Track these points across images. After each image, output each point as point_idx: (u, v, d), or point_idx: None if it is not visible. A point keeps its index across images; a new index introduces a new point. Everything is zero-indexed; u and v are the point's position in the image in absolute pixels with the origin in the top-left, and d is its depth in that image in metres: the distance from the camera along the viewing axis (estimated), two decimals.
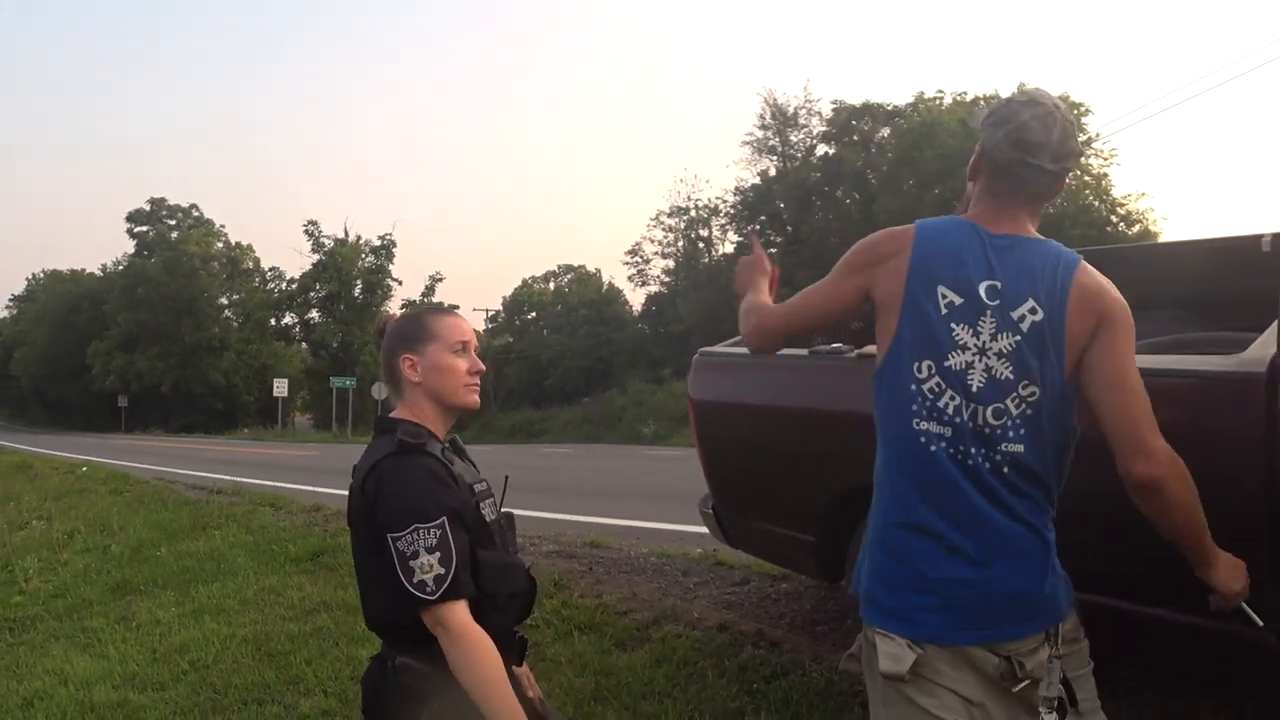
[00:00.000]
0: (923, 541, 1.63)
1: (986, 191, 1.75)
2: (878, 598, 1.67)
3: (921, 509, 1.64)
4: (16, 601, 6.09)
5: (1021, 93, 1.75)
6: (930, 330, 1.65)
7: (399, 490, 1.67)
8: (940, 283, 1.66)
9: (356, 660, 4.08)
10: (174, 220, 57.38)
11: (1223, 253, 3.74)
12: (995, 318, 1.64)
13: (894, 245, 1.72)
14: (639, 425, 29.44)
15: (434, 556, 1.63)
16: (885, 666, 1.59)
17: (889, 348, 1.69)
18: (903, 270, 1.68)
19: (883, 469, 1.72)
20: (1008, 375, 1.63)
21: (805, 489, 3.41)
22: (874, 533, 1.72)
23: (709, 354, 3.94)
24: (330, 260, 47.57)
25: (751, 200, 39.00)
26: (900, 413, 1.67)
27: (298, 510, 8.52)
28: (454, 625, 1.64)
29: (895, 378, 1.68)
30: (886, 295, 1.71)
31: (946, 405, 1.64)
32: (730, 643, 3.86)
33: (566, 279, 57.62)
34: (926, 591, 1.62)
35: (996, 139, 1.71)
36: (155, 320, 52.26)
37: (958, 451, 1.63)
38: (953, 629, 1.61)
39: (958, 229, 1.72)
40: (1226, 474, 2.25)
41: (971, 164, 1.78)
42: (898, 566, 1.65)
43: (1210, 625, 2.35)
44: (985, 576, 1.61)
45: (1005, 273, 1.66)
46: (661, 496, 9.46)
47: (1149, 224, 31.88)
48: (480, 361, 1.87)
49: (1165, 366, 2.39)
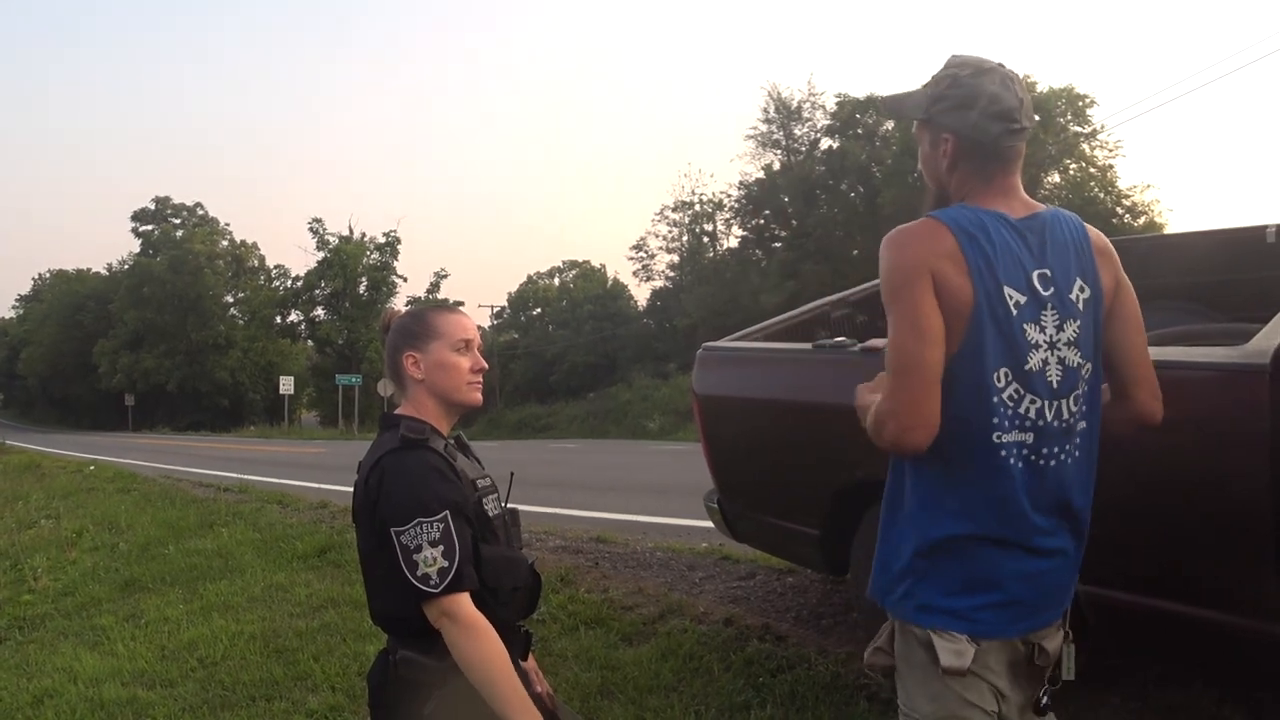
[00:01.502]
0: (989, 550, 1.60)
1: (978, 176, 1.66)
2: (933, 602, 1.62)
3: (991, 522, 1.59)
4: (26, 600, 6.13)
5: (959, 67, 1.67)
6: (1006, 336, 1.56)
7: (402, 485, 1.68)
8: (1005, 284, 1.56)
9: (364, 656, 4.09)
10: (179, 219, 57.58)
11: (1228, 244, 3.73)
12: (1055, 308, 1.59)
13: (938, 247, 1.57)
14: (644, 420, 29.48)
15: (437, 550, 1.64)
16: (949, 662, 1.57)
17: (958, 351, 1.55)
18: (962, 279, 1.55)
19: (939, 480, 1.62)
20: (1078, 361, 1.62)
21: (810, 483, 3.41)
22: (923, 539, 1.63)
23: (713, 349, 3.95)
24: (335, 257, 47.65)
25: (756, 194, 38.96)
26: (978, 425, 1.57)
27: (305, 507, 8.55)
28: (459, 617, 1.65)
29: (968, 389, 1.56)
30: (950, 299, 1.55)
31: (1028, 410, 1.58)
32: (736, 637, 3.87)
33: (571, 275, 57.61)
34: (989, 589, 1.60)
35: (971, 120, 1.63)
36: (161, 319, 52.42)
37: (1038, 455, 1.59)
38: (1011, 622, 1.62)
39: (990, 221, 1.60)
40: (1230, 464, 2.25)
41: (948, 158, 1.67)
42: (961, 573, 1.61)
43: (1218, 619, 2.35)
44: (1043, 569, 1.63)
45: (1047, 258, 1.61)
46: (667, 491, 9.47)
47: (1154, 215, 31.84)
48: (483, 360, 1.88)
49: (1170, 358, 2.39)
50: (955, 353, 1.56)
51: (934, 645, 1.60)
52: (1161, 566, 2.42)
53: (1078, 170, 32.91)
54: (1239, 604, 2.30)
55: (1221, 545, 2.30)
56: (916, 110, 1.72)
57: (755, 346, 3.89)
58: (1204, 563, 2.35)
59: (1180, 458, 2.34)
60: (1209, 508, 2.29)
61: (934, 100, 1.67)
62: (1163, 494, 2.34)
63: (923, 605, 1.64)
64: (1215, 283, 3.65)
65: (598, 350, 45.12)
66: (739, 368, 3.84)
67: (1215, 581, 2.35)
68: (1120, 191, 32.37)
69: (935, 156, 1.70)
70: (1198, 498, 2.32)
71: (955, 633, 1.59)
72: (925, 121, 1.71)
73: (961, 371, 1.56)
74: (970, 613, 1.60)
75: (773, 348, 3.80)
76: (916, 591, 1.65)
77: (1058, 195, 31.20)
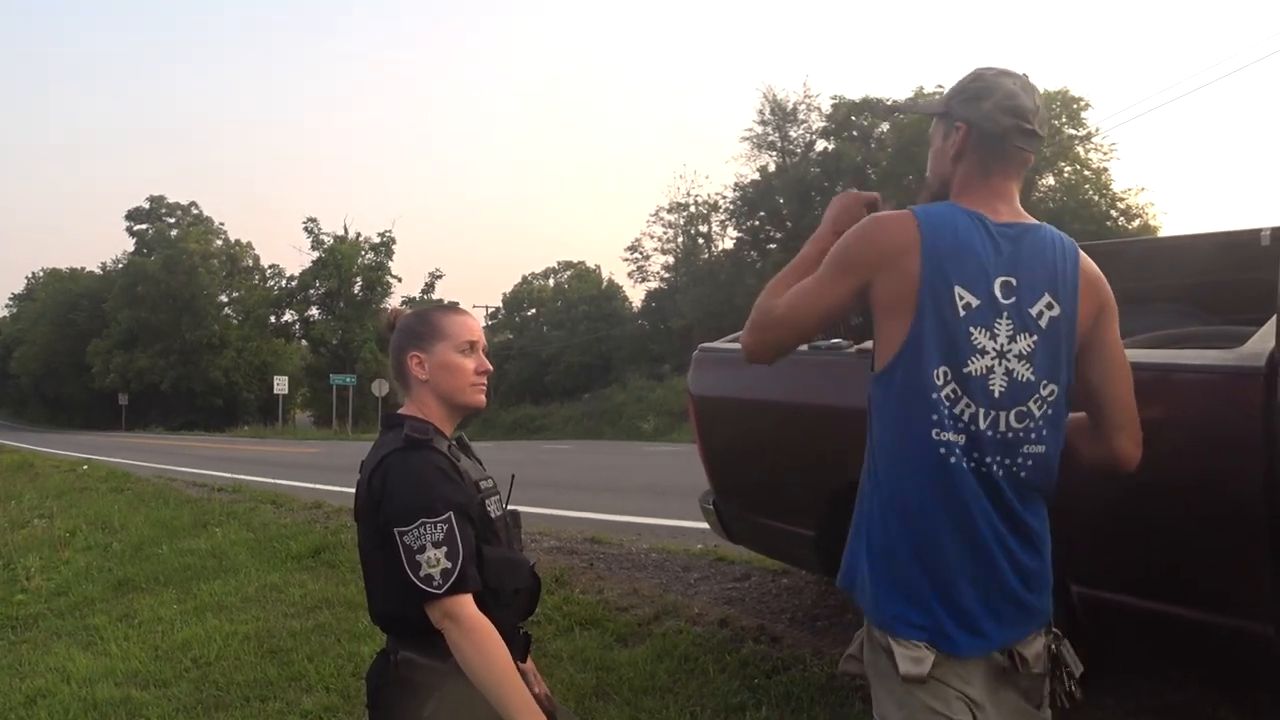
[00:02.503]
0: (938, 554, 1.58)
1: (978, 170, 1.67)
2: (890, 607, 1.61)
3: (939, 520, 1.58)
4: (19, 600, 6.10)
5: (984, 69, 1.71)
6: (949, 335, 1.56)
7: (405, 485, 1.68)
8: (956, 283, 1.56)
9: (358, 657, 4.09)
10: (173, 218, 57.42)
11: (1222, 247, 3.74)
12: (1012, 318, 1.57)
13: (897, 241, 1.58)
14: (639, 421, 29.47)
15: (440, 551, 1.63)
16: (907, 669, 1.56)
17: (898, 353, 1.58)
18: (913, 270, 1.56)
19: (889, 479, 1.62)
20: (1029, 377, 1.58)
21: (805, 484, 3.41)
22: (881, 542, 1.63)
23: (709, 349, 3.95)
24: (330, 257, 47.57)
25: (751, 196, 38.96)
26: (917, 422, 1.57)
27: (299, 507, 8.54)
28: (461, 618, 1.64)
29: (910, 385, 1.57)
30: (892, 296, 1.58)
31: (963, 413, 1.56)
32: (731, 638, 3.87)
33: (566, 275, 57.61)
34: (941, 603, 1.58)
35: (984, 111, 1.64)
36: (155, 318, 52.28)
37: (973, 460, 1.57)
38: (969, 640, 1.59)
39: (962, 219, 1.60)
40: (1225, 468, 2.26)
41: (955, 146, 1.68)
42: (910, 577, 1.59)
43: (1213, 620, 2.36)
44: (999, 585, 1.60)
45: (1017, 267, 1.59)
46: (662, 492, 9.47)
47: (1149, 218, 31.92)
48: (488, 361, 1.87)
49: (1164, 361, 2.40)
50: (901, 343, 1.58)
51: (893, 652, 1.58)
52: (1157, 569, 2.43)
53: (1072, 173, 33.00)
54: (1234, 605, 2.30)
55: (1216, 547, 2.31)
56: (933, 105, 1.76)
57: None
58: (1199, 565, 2.36)
59: (1175, 460, 2.34)
60: (1203, 510, 2.30)
61: (954, 94, 1.71)
62: (1157, 496, 2.34)
63: (881, 608, 1.63)
64: (1210, 285, 3.66)
65: (592, 351, 45.09)
66: (735, 369, 3.83)
67: (1211, 583, 2.35)
68: (1115, 194, 32.47)
69: (945, 148, 1.72)
70: (1192, 500, 2.32)
71: (914, 640, 1.58)
72: (943, 115, 1.74)
73: (906, 362, 1.58)
74: (926, 622, 1.58)
75: None
76: (876, 592, 1.63)
77: (1052, 198, 31.30)
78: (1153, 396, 2.41)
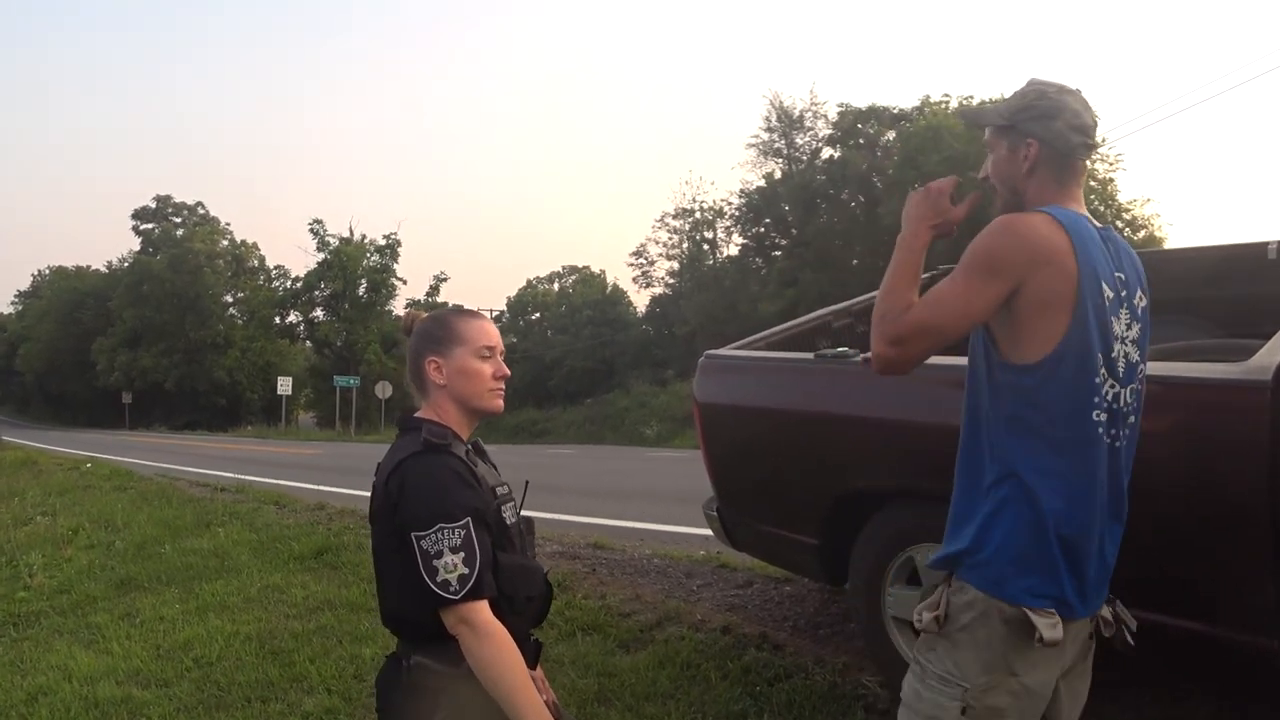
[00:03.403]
0: (1083, 527, 1.71)
1: (1054, 182, 1.79)
2: (1023, 579, 1.70)
3: (1090, 493, 1.72)
4: (21, 597, 6.11)
5: (1045, 84, 1.82)
6: (1102, 324, 1.71)
7: (423, 490, 1.67)
8: (1102, 278, 1.72)
9: (360, 659, 4.09)
10: (179, 218, 57.56)
11: (1229, 260, 3.74)
12: (1127, 308, 1.77)
13: (1052, 241, 1.69)
14: (642, 427, 29.43)
15: (458, 556, 1.63)
16: (1052, 636, 1.66)
17: (1061, 342, 1.68)
18: (1071, 267, 1.68)
19: (1041, 458, 1.71)
20: (1136, 359, 1.78)
21: (810, 492, 3.41)
22: (1029, 515, 1.70)
23: (715, 357, 3.95)
24: (335, 259, 47.57)
25: (756, 203, 38.95)
26: (1080, 406, 1.70)
27: (302, 508, 8.54)
28: (477, 624, 1.64)
29: (1073, 373, 1.69)
30: (1050, 293, 1.68)
31: (1107, 392, 1.72)
32: (733, 645, 3.87)
33: (571, 280, 57.60)
34: (1070, 572, 1.70)
35: (1056, 130, 1.77)
36: (160, 317, 52.38)
37: (1110, 435, 1.73)
38: (1081, 607, 1.73)
39: (1084, 223, 1.75)
40: (1231, 479, 2.26)
41: (1029, 162, 1.80)
42: (1049, 549, 1.69)
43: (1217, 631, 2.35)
44: (1102, 553, 1.76)
45: (1121, 263, 1.78)
46: (665, 498, 9.46)
47: (1155, 230, 31.84)
48: (505, 367, 1.87)
49: (1171, 373, 2.40)
50: (1063, 335, 1.68)
51: (1030, 620, 1.67)
52: (1162, 580, 2.43)
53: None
54: (1238, 617, 2.30)
55: (1221, 558, 2.31)
56: (998, 118, 1.84)
57: (757, 355, 3.89)
58: (1205, 576, 2.36)
59: (1181, 472, 2.34)
60: (1208, 521, 2.30)
61: (1020, 109, 1.81)
62: (1162, 506, 2.34)
63: (1012, 582, 1.70)
64: (1216, 298, 3.66)
65: (596, 356, 45.10)
66: (741, 376, 3.84)
67: (1215, 594, 2.35)
68: (1121, 205, 32.38)
69: (1014, 160, 1.83)
70: (1197, 511, 2.32)
71: (1046, 609, 1.68)
72: (1006, 129, 1.83)
73: (1069, 352, 1.69)
74: (1062, 592, 1.70)
75: (775, 357, 3.80)
76: (1006, 568, 1.71)
77: None
78: (1159, 409, 2.42)
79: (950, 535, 1.82)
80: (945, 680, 1.73)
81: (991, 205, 1.90)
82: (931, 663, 1.76)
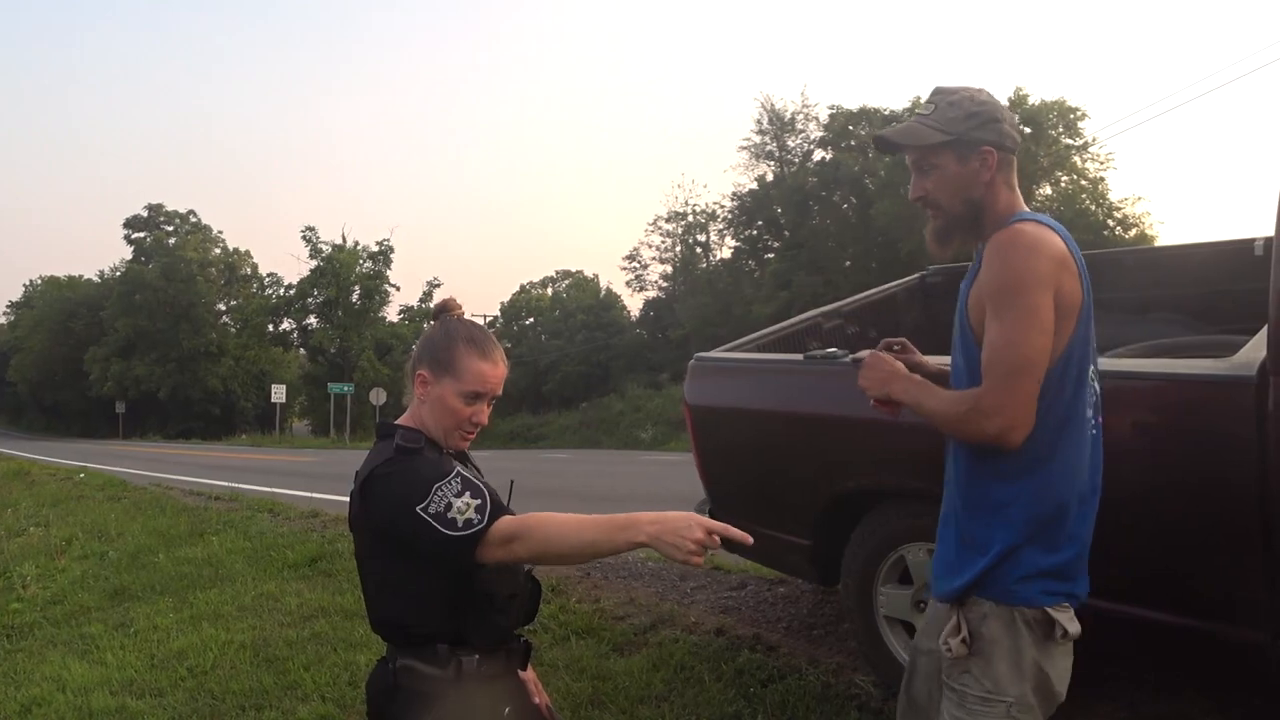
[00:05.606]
0: (1085, 520, 1.77)
1: (1005, 186, 1.82)
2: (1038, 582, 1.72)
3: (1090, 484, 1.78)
4: (14, 608, 6.09)
5: (962, 90, 1.83)
6: (1091, 325, 1.78)
7: (404, 479, 1.66)
8: (1089, 283, 1.77)
9: (354, 666, 4.09)
10: (172, 226, 57.33)
11: (1216, 257, 3.77)
12: None
13: (1063, 251, 1.72)
14: (637, 430, 29.44)
15: (464, 497, 1.62)
16: (1073, 629, 1.73)
17: (1069, 345, 1.71)
18: (1076, 273, 1.73)
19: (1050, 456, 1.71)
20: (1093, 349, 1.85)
21: (802, 494, 3.42)
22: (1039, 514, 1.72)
23: (706, 359, 3.96)
24: (328, 266, 47.45)
25: (749, 205, 39.03)
26: (1080, 402, 1.75)
27: (295, 516, 8.52)
28: (513, 530, 1.60)
29: (1077, 372, 1.74)
30: (1069, 298, 1.71)
31: (1094, 385, 1.80)
32: (727, 647, 3.87)
33: (564, 284, 57.65)
34: (1077, 563, 1.77)
35: (1005, 132, 1.80)
36: (153, 326, 52.19)
37: (1094, 424, 1.80)
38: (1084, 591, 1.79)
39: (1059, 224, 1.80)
40: (1218, 475, 2.28)
41: (992, 170, 1.79)
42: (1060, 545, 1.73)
43: (1206, 627, 2.37)
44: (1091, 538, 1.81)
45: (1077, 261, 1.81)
46: (659, 501, 9.46)
47: (1145, 228, 31.98)
48: (486, 416, 1.82)
49: (1158, 370, 2.41)
50: (1071, 337, 1.71)
51: (1052, 618, 1.71)
52: (1150, 575, 2.44)
53: (1069, 183, 33.06)
54: (1227, 612, 2.31)
55: (1209, 554, 2.32)
56: (938, 134, 1.79)
57: (747, 357, 3.90)
58: (1193, 571, 2.37)
59: (1167, 468, 2.36)
60: (1196, 517, 2.31)
61: (964, 119, 1.78)
62: (1150, 503, 2.36)
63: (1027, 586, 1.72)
64: (1203, 295, 3.68)
65: (590, 360, 45.08)
66: (731, 378, 3.85)
67: (1204, 590, 2.36)
68: (1111, 204, 32.53)
69: (970, 172, 1.79)
70: (1185, 508, 2.34)
71: (1061, 605, 1.73)
72: (950, 142, 1.79)
73: (1075, 355, 1.73)
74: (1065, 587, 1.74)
75: (765, 358, 3.81)
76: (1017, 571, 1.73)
77: (1049, 207, 31.31)
78: (1146, 405, 2.44)
79: (959, 563, 1.81)
80: (987, 700, 1.73)
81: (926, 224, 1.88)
82: (968, 686, 1.75)
